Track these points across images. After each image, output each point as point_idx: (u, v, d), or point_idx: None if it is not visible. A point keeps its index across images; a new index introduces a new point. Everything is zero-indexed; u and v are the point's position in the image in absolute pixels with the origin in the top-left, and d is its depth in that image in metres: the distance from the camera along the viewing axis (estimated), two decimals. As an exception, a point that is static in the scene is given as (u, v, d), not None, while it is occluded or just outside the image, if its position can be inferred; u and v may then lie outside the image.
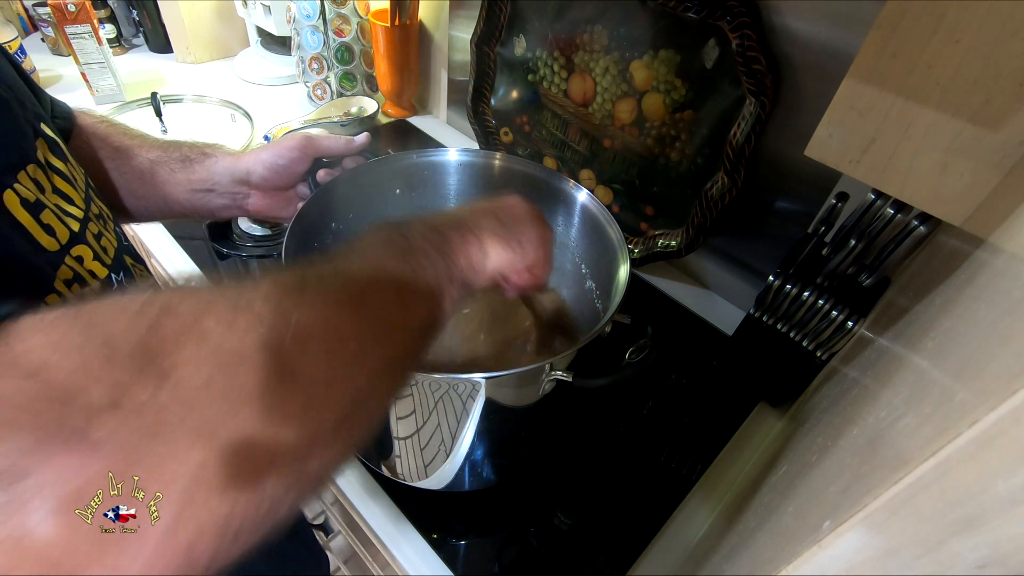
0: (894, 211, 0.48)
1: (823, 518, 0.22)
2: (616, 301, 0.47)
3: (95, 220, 0.40)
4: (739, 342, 0.65)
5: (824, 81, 0.57)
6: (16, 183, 0.32)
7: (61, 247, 0.35)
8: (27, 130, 0.36)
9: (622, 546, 0.53)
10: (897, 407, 0.26)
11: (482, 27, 0.83)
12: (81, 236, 0.37)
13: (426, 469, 0.51)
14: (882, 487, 0.18)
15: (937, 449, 0.17)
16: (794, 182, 0.64)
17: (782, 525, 0.30)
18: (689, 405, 0.66)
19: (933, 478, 0.17)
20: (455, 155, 0.63)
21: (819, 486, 0.29)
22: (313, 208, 0.54)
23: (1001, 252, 0.27)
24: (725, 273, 0.77)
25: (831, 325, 0.54)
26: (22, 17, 1.23)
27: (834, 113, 0.38)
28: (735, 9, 0.56)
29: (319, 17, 1.00)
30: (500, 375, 0.41)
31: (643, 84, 0.69)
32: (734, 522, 0.47)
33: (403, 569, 0.51)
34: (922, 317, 0.35)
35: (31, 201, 0.33)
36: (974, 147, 0.33)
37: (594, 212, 0.58)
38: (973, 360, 0.21)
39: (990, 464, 0.15)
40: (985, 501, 0.14)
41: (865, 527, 0.19)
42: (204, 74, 1.17)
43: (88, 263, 0.37)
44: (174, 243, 0.78)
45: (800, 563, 0.22)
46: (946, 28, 0.31)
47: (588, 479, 0.58)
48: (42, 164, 0.36)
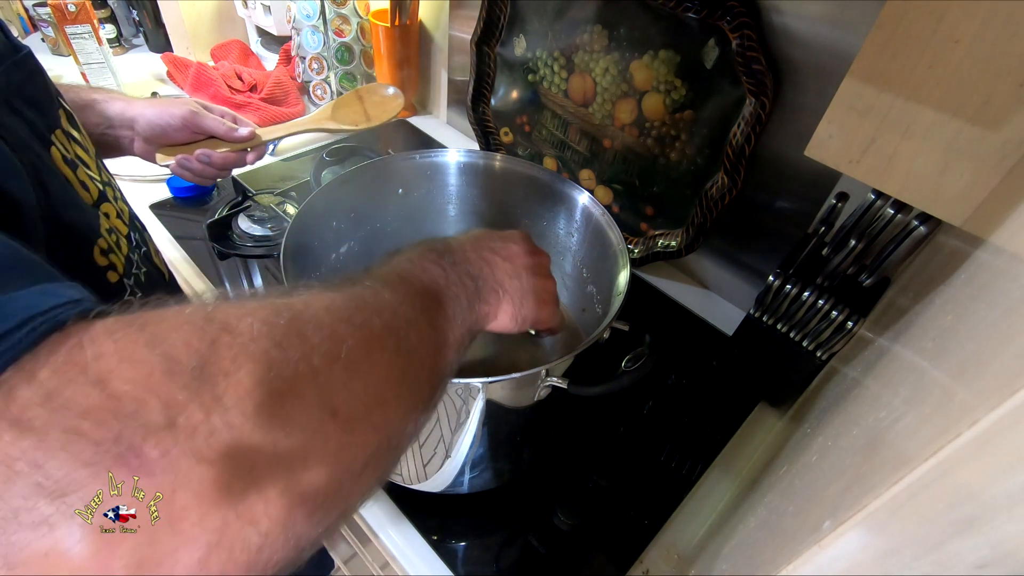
0: (894, 211, 0.48)
1: (823, 518, 0.22)
2: (615, 307, 0.47)
3: (108, 186, 0.43)
4: (739, 342, 0.65)
5: (824, 81, 0.56)
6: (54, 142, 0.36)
7: (94, 202, 0.39)
8: (54, 99, 0.39)
9: (622, 546, 0.53)
10: (897, 407, 0.26)
11: (482, 27, 0.83)
12: (104, 196, 0.41)
13: (425, 471, 0.51)
14: (882, 487, 0.18)
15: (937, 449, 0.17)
16: (794, 182, 0.64)
17: (782, 525, 0.30)
18: (689, 405, 0.66)
19: (933, 478, 0.17)
20: (456, 155, 0.63)
21: (819, 486, 0.29)
22: (314, 207, 0.54)
23: (1001, 252, 0.27)
24: (725, 273, 0.77)
25: (831, 325, 0.54)
26: (22, 17, 1.23)
27: (834, 113, 0.38)
28: (735, 9, 0.56)
29: (319, 17, 1.00)
30: (494, 380, 0.41)
31: (643, 84, 0.69)
32: (734, 522, 0.47)
33: (403, 569, 0.51)
34: (922, 317, 0.35)
35: (69, 159, 0.37)
36: (974, 147, 0.33)
37: (595, 215, 0.58)
38: (973, 360, 0.21)
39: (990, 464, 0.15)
40: (985, 501, 0.14)
41: (865, 527, 0.19)
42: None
43: (114, 220, 0.41)
44: (174, 243, 0.78)
45: (800, 563, 0.22)
46: (946, 28, 0.31)
47: (588, 479, 0.58)
48: (65, 132, 0.38)
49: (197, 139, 0.63)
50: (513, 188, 0.64)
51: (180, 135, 0.61)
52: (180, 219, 0.82)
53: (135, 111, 0.59)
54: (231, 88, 1.05)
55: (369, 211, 0.62)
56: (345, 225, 0.60)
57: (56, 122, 0.38)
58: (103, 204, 0.40)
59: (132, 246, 0.43)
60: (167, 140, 0.61)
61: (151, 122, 0.59)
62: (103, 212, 0.40)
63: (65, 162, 0.36)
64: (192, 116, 0.60)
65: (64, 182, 0.35)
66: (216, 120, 0.62)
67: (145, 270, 0.44)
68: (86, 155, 0.41)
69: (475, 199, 0.66)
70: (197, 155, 0.61)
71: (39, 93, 0.37)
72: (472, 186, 0.65)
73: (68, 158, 0.37)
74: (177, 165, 0.61)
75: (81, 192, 0.37)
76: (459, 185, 0.65)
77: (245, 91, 1.05)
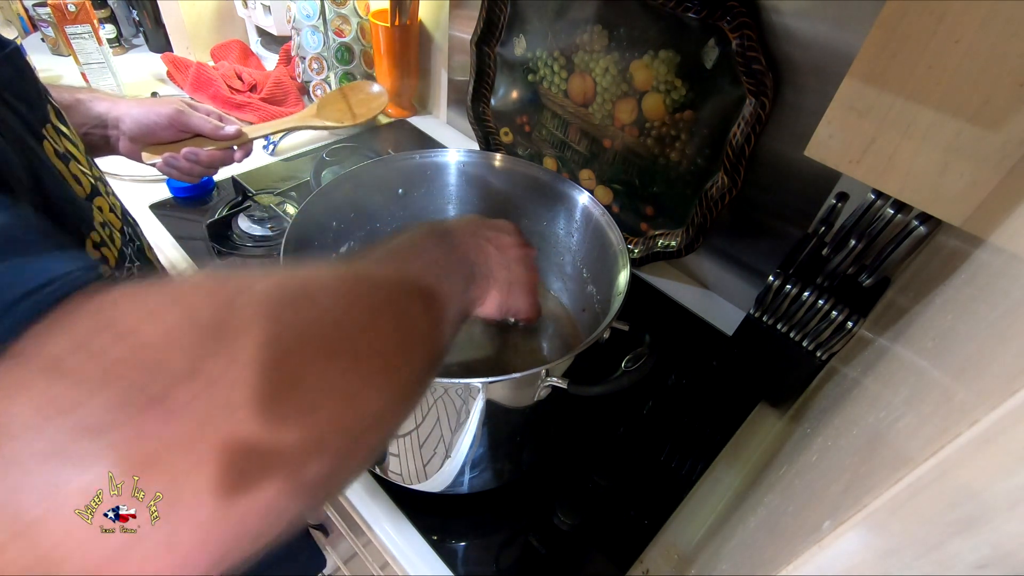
0: (894, 211, 0.48)
1: (823, 518, 0.22)
2: (615, 307, 0.47)
3: (99, 181, 0.43)
4: (739, 342, 0.65)
5: (824, 81, 0.56)
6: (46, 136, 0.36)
7: (87, 195, 0.39)
8: (44, 95, 0.40)
9: (622, 546, 0.53)
10: (897, 407, 0.26)
11: (482, 27, 0.83)
12: (97, 190, 0.41)
13: (425, 471, 0.51)
14: (882, 487, 0.18)
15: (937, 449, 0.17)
16: (794, 182, 0.64)
17: (782, 525, 0.30)
18: (689, 405, 0.66)
19: (933, 478, 0.17)
20: (456, 155, 0.63)
21: (819, 486, 0.29)
22: (314, 207, 0.54)
23: (1001, 252, 0.27)
24: (725, 273, 0.77)
25: (831, 325, 0.54)
26: (22, 17, 1.23)
27: (834, 113, 0.38)
28: (735, 9, 0.56)
29: (319, 17, 1.00)
30: (494, 380, 0.41)
31: (643, 84, 0.69)
32: (734, 522, 0.47)
33: (403, 569, 0.51)
34: (922, 317, 0.35)
35: (60, 152, 0.37)
36: (974, 147, 0.33)
37: (595, 215, 0.58)
38: (973, 360, 0.21)
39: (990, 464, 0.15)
40: (985, 501, 0.14)
41: (865, 527, 0.19)
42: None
43: (107, 214, 0.41)
44: (174, 243, 0.78)
45: (800, 563, 0.22)
46: (946, 28, 0.31)
47: (588, 479, 0.58)
48: (55, 127, 0.39)
49: (183, 138, 0.63)
50: (513, 188, 0.64)
51: (167, 134, 0.61)
52: (180, 219, 0.82)
53: (121, 110, 0.59)
54: (231, 88, 1.05)
55: (369, 211, 0.62)
56: (345, 225, 0.60)
57: (46, 117, 0.38)
58: (96, 198, 0.40)
59: (125, 240, 0.44)
60: (153, 139, 0.61)
61: (137, 121, 0.59)
62: (96, 206, 0.40)
63: (57, 156, 0.36)
64: (178, 115, 0.61)
65: (57, 175, 0.36)
66: (202, 118, 0.62)
67: (139, 264, 0.45)
68: (76, 150, 0.41)
69: (475, 199, 0.66)
70: (184, 153, 0.61)
71: (28, 88, 0.37)
72: (472, 186, 0.65)
73: (60, 152, 0.37)
74: (164, 163, 0.61)
75: (74, 186, 0.38)
76: (459, 185, 0.65)
77: (245, 91, 1.05)
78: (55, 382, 0.16)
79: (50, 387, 0.16)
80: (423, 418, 0.45)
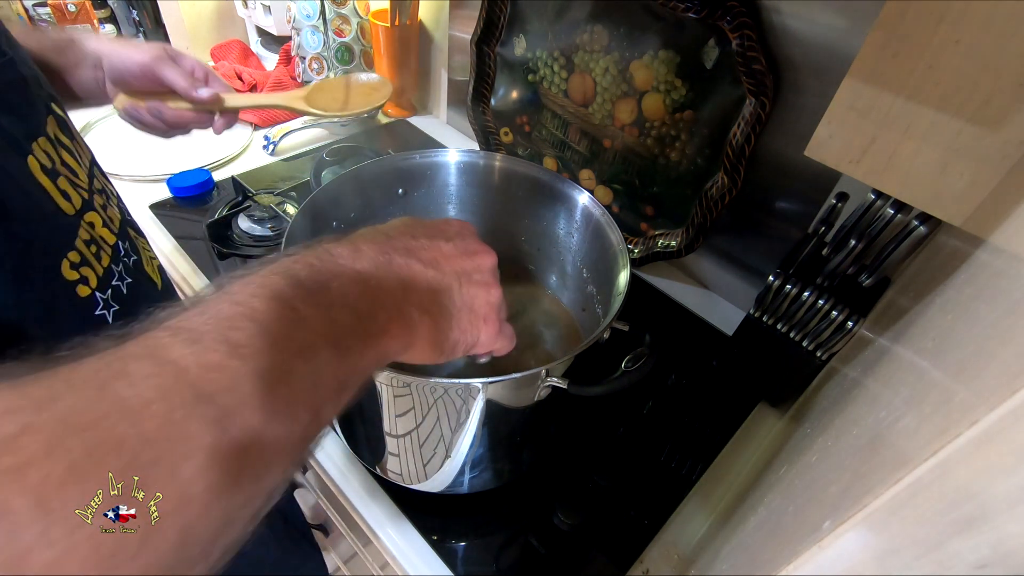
0: (894, 211, 0.48)
1: (823, 518, 0.22)
2: (615, 307, 0.47)
3: (98, 194, 0.42)
4: (739, 342, 0.65)
5: (824, 81, 0.56)
6: (33, 151, 0.35)
7: (76, 211, 0.38)
8: (40, 107, 0.38)
9: (622, 546, 0.53)
10: (897, 407, 0.26)
11: (482, 27, 0.83)
12: (90, 204, 0.40)
13: (425, 471, 0.51)
14: (882, 487, 0.18)
15: (937, 449, 0.17)
16: (794, 182, 0.64)
17: (782, 525, 0.30)
18: (689, 405, 0.66)
19: (933, 478, 0.17)
20: (456, 155, 0.63)
21: (819, 486, 0.29)
22: (314, 207, 0.54)
23: (1001, 252, 0.27)
24: (725, 273, 0.77)
25: (831, 325, 0.54)
26: (22, 17, 1.23)
27: (834, 113, 0.38)
28: (735, 9, 0.56)
29: (319, 17, 1.00)
30: (494, 380, 0.41)
31: (643, 84, 0.69)
32: (734, 522, 0.47)
33: (403, 569, 0.51)
34: (922, 317, 0.35)
35: (49, 168, 0.36)
36: (974, 147, 0.33)
37: (595, 215, 0.57)
38: (973, 360, 0.21)
39: (990, 464, 0.15)
40: (985, 501, 0.14)
41: (865, 527, 0.19)
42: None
43: (99, 229, 0.40)
44: (174, 243, 0.78)
45: (800, 563, 0.22)
46: (946, 28, 0.31)
47: (588, 479, 0.58)
48: (52, 139, 0.38)
49: (157, 90, 0.57)
50: (513, 188, 0.64)
51: (139, 83, 0.56)
52: (180, 219, 0.82)
53: (104, 50, 0.55)
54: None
55: (369, 211, 0.62)
56: (345, 225, 0.60)
57: (39, 129, 0.37)
58: (88, 213, 0.39)
59: (118, 256, 0.42)
60: (126, 87, 0.56)
61: (113, 65, 0.55)
62: (86, 221, 0.38)
63: (44, 171, 0.35)
64: (155, 64, 0.55)
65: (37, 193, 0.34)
66: (177, 73, 0.56)
67: (130, 281, 0.42)
68: (75, 162, 0.40)
69: (475, 199, 0.66)
70: (149, 107, 0.56)
71: (19, 99, 0.36)
72: (472, 186, 0.65)
73: (48, 167, 0.36)
74: (124, 112, 0.56)
75: (60, 201, 0.36)
76: (459, 185, 0.65)
77: (245, 91, 1.05)
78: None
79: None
80: (423, 418, 0.45)
